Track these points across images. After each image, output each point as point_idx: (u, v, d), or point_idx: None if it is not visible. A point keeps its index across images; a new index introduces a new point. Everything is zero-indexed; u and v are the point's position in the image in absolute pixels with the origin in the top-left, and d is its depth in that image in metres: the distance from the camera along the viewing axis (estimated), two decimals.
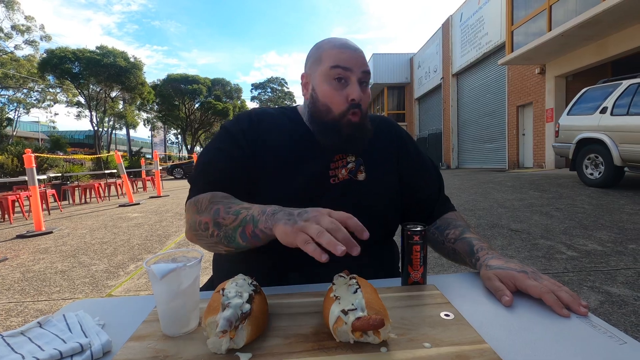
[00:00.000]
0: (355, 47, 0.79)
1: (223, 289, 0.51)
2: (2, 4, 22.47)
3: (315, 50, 0.82)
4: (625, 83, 5.09)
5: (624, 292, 1.95)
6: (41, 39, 25.04)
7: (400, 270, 0.72)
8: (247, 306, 0.48)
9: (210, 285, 0.87)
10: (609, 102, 5.18)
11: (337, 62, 0.76)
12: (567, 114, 5.96)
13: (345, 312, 0.46)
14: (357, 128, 0.77)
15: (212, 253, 0.90)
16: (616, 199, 4.45)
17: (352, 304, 0.47)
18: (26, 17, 23.95)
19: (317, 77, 0.79)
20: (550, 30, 7.76)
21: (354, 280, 0.53)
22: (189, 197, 0.79)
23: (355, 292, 0.50)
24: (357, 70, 0.76)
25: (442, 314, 0.54)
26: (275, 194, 0.77)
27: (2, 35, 23.23)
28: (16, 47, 24.23)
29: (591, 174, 5.46)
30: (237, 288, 0.51)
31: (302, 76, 0.85)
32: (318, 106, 0.80)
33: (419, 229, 0.65)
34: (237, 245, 0.66)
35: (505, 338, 0.49)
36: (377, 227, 0.82)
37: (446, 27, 15.50)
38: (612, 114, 5.09)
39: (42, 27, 24.84)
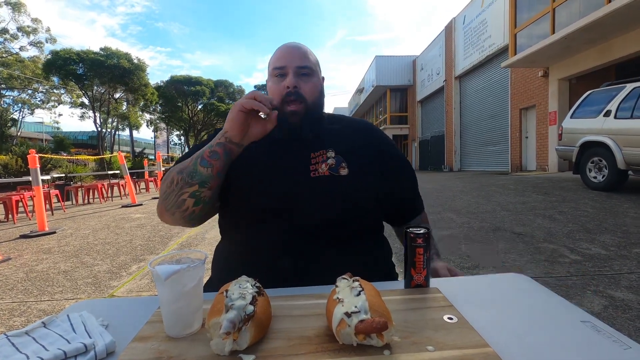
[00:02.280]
0: (294, 45, 0.88)
1: (226, 291, 0.51)
2: (9, 6, 22.67)
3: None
4: (630, 86, 5.07)
5: (628, 296, 1.94)
6: (46, 41, 25.26)
7: (397, 269, 0.72)
8: (251, 308, 0.48)
9: (209, 286, 0.87)
10: (612, 105, 5.16)
11: (275, 62, 0.85)
12: (571, 117, 5.94)
13: (348, 315, 0.46)
14: (298, 116, 0.82)
15: (212, 254, 0.91)
16: (620, 202, 4.43)
17: (356, 307, 0.47)
18: (33, 20, 24.15)
19: (268, 79, 0.89)
20: (553, 33, 7.74)
21: (357, 283, 0.53)
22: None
23: (359, 294, 0.50)
24: (292, 64, 0.84)
25: (445, 317, 0.54)
26: (257, 188, 0.82)
27: (8, 36, 23.44)
28: (21, 48, 24.44)
29: (595, 178, 5.43)
30: (241, 290, 0.51)
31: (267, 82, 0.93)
32: None
33: (422, 231, 0.65)
34: (200, 176, 0.73)
35: (509, 342, 0.48)
36: (361, 218, 0.85)
37: (449, 29, 15.51)
38: (615, 117, 5.07)
39: (47, 30, 25.05)
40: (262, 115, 0.76)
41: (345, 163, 0.84)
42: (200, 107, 34.74)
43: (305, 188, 0.81)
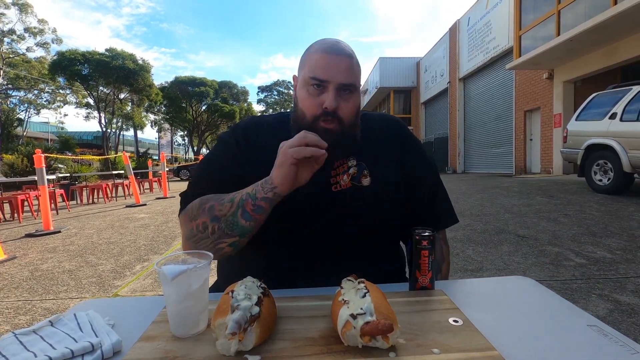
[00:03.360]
0: (339, 53, 0.74)
1: (232, 291, 0.51)
2: (17, 7, 22.92)
3: (305, 53, 0.79)
4: (635, 89, 5.03)
5: (633, 300, 1.92)
6: (53, 42, 25.50)
7: (407, 275, 0.72)
8: (256, 308, 0.48)
9: (215, 290, 0.87)
10: (618, 108, 5.12)
11: (314, 71, 0.73)
12: (576, 120, 5.90)
13: (354, 317, 0.46)
14: (333, 135, 0.72)
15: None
16: (625, 205, 4.39)
17: (361, 308, 0.47)
18: (39, 20, 24.40)
19: (300, 81, 0.77)
20: (558, 35, 7.71)
21: (363, 285, 0.53)
22: (181, 210, 0.78)
23: (364, 296, 0.50)
24: (335, 80, 0.72)
25: (450, 320, 0.54)
26: (277, 205, 0.71)
27: (15, 37, 23.68)
28: (28, 49, 24.69)
29: (600, 180, 5.39)
30: (246, 290, 0.51)
31: (293, 78, 0.83)
32: (296, 110, 0.78)
33: (427, 233, 0.65)
34: (241, 229, 0.68)
35: (515, 346, 0.48)
36: (382, 236, 0.81)
37: (453, 31, 15.47)
38: (621, 119, 5.03)
39: (54, 30, 25.29)
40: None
41: (367, 170, 0.79)
42: (204, 107, 34.85)
43: (326, 204, 0.77)
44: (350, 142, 0.77)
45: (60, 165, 13.80)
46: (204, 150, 38.12)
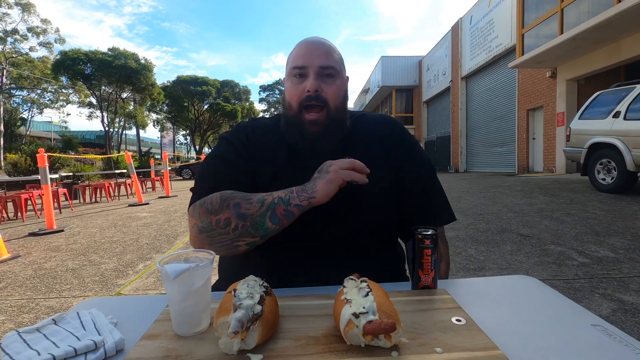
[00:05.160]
0: (315, 41, 0.80)
1: (234, 290, 0.51)
2: (19, 7, 23.00)
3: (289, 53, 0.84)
4: (639, 87, 5.00)
5: (637, 300, 1.91)
6: (55, 41, 25.59)
7: (409, 274, 0.71)
8: (259, 307, 0.48)
9: (216, 289, 0.87)
10: (622, 107, 5.09)
11: (294, 61, 0.78)
12: (579, 118, 5.87)
13: (356, 316, 0.46)
14: (319, 125, 0.77)
15: (219, 257, 0.91)
16: (629, 204, 4.37)
17: (364, 307, 0.47)
18: (42, 20, 24.48)
19: (286, 78, 0.82)
20: (562, 33, 7.66)
21: (365, 284, 0.53)
22: (191, 203, 0.77)
23: (367, 295, 0.49)
24: (313, 64, 0.77)
25: (453, 319, 0.53)
26: None
27: (18, 37, 23.78)
28: (31, 49, 24.78)
29: (603, 179, 5.36)
30: (249, 289, 0.51)
31: (284, 81, 0.87)
32: (284, 105, 0.83)
33: (430, 232, 0.64)
34: (265, 230, 0.69)
35: (518, 345, 0.48)
36: (378, 231, 0.81)
37: (456, 30, 15.42)
38: (625, 118, 5.00)
39: (57, 30, 25.38)
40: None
41: None
42: (206, 107, 34.92)
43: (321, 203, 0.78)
44: (339, 128, 0.80)
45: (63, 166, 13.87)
46: (206, 150, 38.20)
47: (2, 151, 21.37)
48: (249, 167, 0.81)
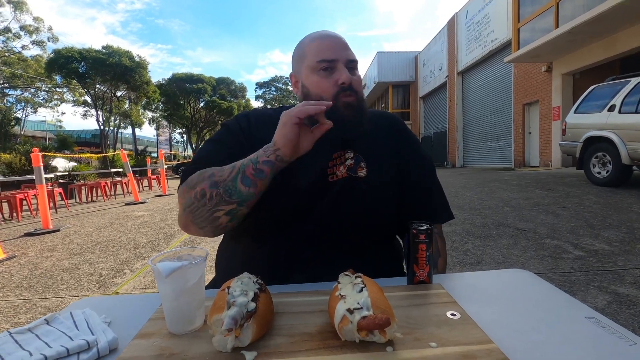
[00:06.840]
0: (334, 35, 0.80)
1: (228, 287, 0.51)
2: (11, 5, 22.70)
3: (298, 48, 0.83)
4: (634, 81, 5.01)
5: (632, 292, 1.93)
6: (48, 40, 25.30)
7: (404, 269, 0.71)
8: (253, 305, 0.48)
9: (213, 286, 0.87)
10: (617, 100, 5.11)
11: (320, 54, 0.77)
12: (575, 112, 5.89)
13: (350, 311, 0.46)
14: (354, 109, 0.76)
15: (216, 253, 0.90)
16: (624, 198, 4.40)
17: (358, 303, 0.46)
18: (35, 18, 24.18)
19: (304, 72, 0.80)
20: (557, 27, 7.67)
21: (360, 279, 0.53)
22: (179, 186, 0.77)
23: (361, 290, 0.49)
24: (341, 56, 0.77)
25: (448, 314, 0.53)
26: (274, 193, 0.74)
27: (10, 35, 23.49)
28: (24, 47, 24.48)
29: (599, 173, 5.39)
30: (243, 286, 0.51)
31: (291, 76, 0.86)
32: (310, 98, 0.79)
33: (425, 227, 0.64)
34: (240, 195, 0.67)
35: (513, 338, 0.48)
36: (378, 226, 0.81)
37: (451, 25, 15.39)
38: (620, 112, 5.02)
39: (50, 29, 25.08)
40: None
41: (364, 163, 0.81)
42: (202, 104, 34.74)
43: (322, 193, 0.78)
44: (365, 116, 0.80)
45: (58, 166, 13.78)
46: None
47: None
48: (247, 154, 0.78)
